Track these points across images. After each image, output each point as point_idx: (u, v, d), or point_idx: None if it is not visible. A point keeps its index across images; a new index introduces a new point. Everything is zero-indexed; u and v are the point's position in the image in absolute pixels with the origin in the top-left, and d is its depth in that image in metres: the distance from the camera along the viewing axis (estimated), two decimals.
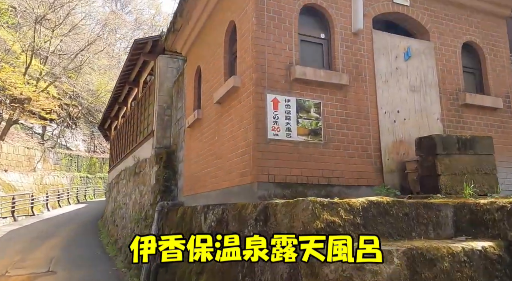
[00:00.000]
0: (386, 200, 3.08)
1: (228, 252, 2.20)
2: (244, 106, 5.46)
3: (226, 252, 2.20)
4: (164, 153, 9.62)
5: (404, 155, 5.90)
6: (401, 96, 6.10)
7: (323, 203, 2.88)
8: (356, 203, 2.96)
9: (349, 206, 2.92)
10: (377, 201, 3.04)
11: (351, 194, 5.40)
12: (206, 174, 6.98)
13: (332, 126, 5.51)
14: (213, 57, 6.98)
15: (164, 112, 10.38)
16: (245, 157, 5.30)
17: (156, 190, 9.20)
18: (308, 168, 5.22)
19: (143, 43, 10.22)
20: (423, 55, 6.40)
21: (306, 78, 5.35)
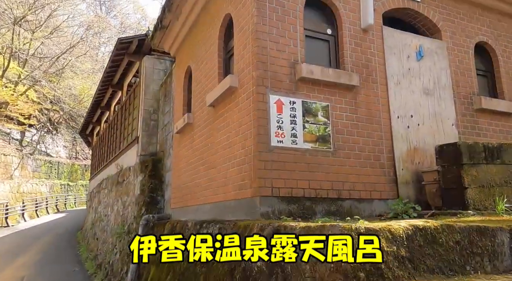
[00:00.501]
0: (432, 224, 2.45)
1: (228, 252, 2.16)
2: (243, 109, 4.80)
3: (226, 252, 2.15)
4: (150, 161, 8.85)
5: (419, 165, 5.32)
6: (414, 100, 5.54)
7: (360, 231, 2.23)
8: (399, 230, 2.32)
9: (390, 234, 2.28)
10: (423, 226, 2.41)
11: (364, 209, 4.78)
12: (197, 185, 6.26)
13: (342, 132, 4.89)
14: (206, 55, 6.32)
15: (150, 117, 9.62)
16: (244, 167, 4.63)
17: (141, 202, 8.40)
18: (316, 179, 4.58)
19: (127, 42, 9.47)
20: (436, 56, 5.87)
21: (313, 77, 4.73)
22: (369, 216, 4.77)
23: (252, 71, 4.63)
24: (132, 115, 10.70)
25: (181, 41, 7.64)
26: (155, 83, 9.79)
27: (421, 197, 5.15)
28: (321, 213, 4.51)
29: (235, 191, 4.81)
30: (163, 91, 9.51)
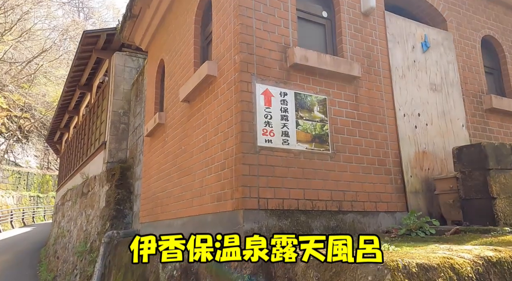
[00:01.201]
0: (508, 254, 1.62)
1: (228, 252, 2.10)
2: (223, 102, 3.94)
3: (226, 252, 2.10)
4: (118, 169, 7.81)
5: (429, 171, 4.56)
6: (421, 96, 4.81)
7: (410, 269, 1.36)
8: (465, 266, 1.49)
9: (454, 272, 1.43)
10: (498, 258, 1.57)
11: (368, 224, 3.95)
12: (169, 196, 5.31)
13: (342, 131, 4.08)
14: (180, 45, 5.44)
15: (120, 120, 8.61)
16: (224, 173, 3.74)
17: (106, 215, 7.34)
18: (312, 188, 3.73)
19: (94, 36, 8.48)
20: (442, 48, 5.20)
21: (308, 64, 3.92)
22: (374, 233, 3.94)
23: (234, 55, 3.78)
24: (100, 119, 9.65)
25: (153, 32, 6.74)
26: (126, 83, 8.82)
27: (433, 209, 4.38)
28: (318, 230, 3.65)
29: (213, 203, 3.90)
30: (134, 91, 8.55)
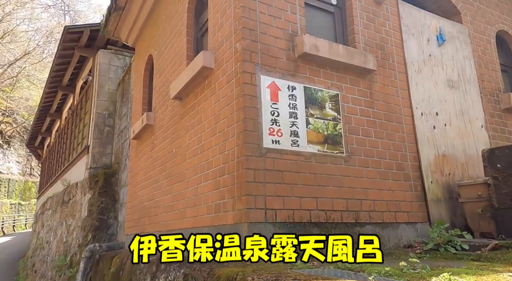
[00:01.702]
0: None
1: (228, 252, 2.07)
2: (221, 98, 3.41)
3: (226, 252, 2.07)
4: (101, 175, 7.18)
5: (449, 176, 4.10)
6: (439, 94, 4.37)
7: None
8: None
9: None
10: None
11: (388, 238, 3.46)
12: (157, 206, 4.74)
13: (356, 131, 3.59)
14: (171, 36, 4.91)
15: (104, 122, 7.99)
16: (224, 179, 3.20)
17: (87, 226, 6.69)
18: (326, 196, 3.22)
19: (77, 32, 7.86)
20: (458, 42, 4.78)
21: (319, 54, 3.43)
22: (396, 248, 3.45)
23: (235, 43, 3.27)
24: (83, 121, 9.00)
25: (141, 26, 6.19)
26: (111, 82, 8.21)
27: (456, 220, 3.91)
28: None
29: (210, 215, 3.35)
30: (120, 91, 7.95)
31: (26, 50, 29.37)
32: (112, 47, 8.36)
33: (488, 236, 3.51)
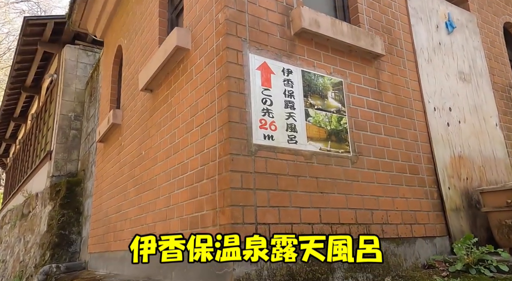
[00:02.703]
0: None
1: (228, 252, 1.99)
2: (200, 84, 2.73)
3: (226, 252, 1.99)
4: (64, 184, 6.33)
5: (467, 181, 3.52)
6: (451, 86, 3.82)
7: None
8: None
9: None
10: None
11: (404, 256, 2.82)
12: (124, 218, 3.97)
13: (364, 127, 2.97)
14: (142, 20, 4.21)
15: (70, 125, 7.14)
16: (202, 185, 2.50)
17: (46, 243, 5.81)
18: (330, 206, 2.57)
19: (39, 24, 7.02)
20: (467, 31, 4.28)
21: (320, 32, 2.81)
22: (414, 269, 2.81)
23: (216, 13, 2.60)
24: (47, 125, 8.11)
25: (109, 14, 5.45)
26: (79, 81, 7.39)
27: (477, 232, 3.32)
28: (342, 270, 2.47)
29: (185, 231, 2.63)
30: (89, 90, 7.14)
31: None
32: (80, 42, 7.56)
33: None
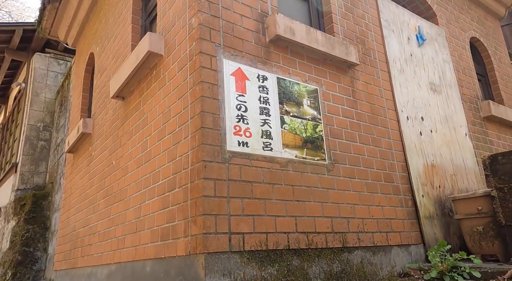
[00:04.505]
0: None
1: None
2: (172, 90, 2.65)
3: None
4: (30, 198, 6.02)
5: (440, 189, 3.57)
6: (423, 97, 3.91)
7: None
8: None
9: None
10: None
11: (380, 265, 2.79)
12: (93, 232, 3.78)
13: (339, 135, 2.97)
14: (115, 27, 4.11)
15: (38, 135, 6.85)
16: (174, 195, 2.40)
17: (8, 261, 5.46)
18: (306, 215, 2.52)
19: (7, 31, 6.77)
20: (436, 44, 4.42)
21: (295, 40, 2.81)
22: (390, 278, 2.79)
23: (190, 18, 2.56)
24: (13, 136, 7.75)
25: (81, 20, 5.31)
26: (49, 90, 7.14)
27: (450, 239, 3.36)
28: (318, 279, 2.41)
29: (156, 243, 2.51)
30: (59, 99, 6.90)
31: None
32: (51, 51, 7.33)
33: (491, 259, 2.97)
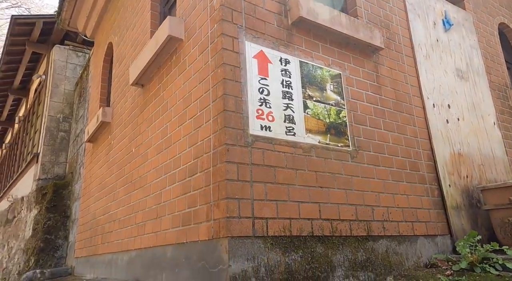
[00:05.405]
0: None
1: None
2: (193, 74, 2.61)
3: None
4: (51, 187, 6.11)
5: (467, 179, 3.43)
6: (449, 83, 3.76)
7: None
8: None
9: None
10: None
11: (406, 255, 2.70)
12: (113, 219, 3.80)
13: (363, 121, 2.87)
14: (133, 15, 4.10)
15: (58, 126, 6.94)
16: (195, 179, 2.37)
17: (30, 248, 5.57)
18: (330, 201, 2.45)
19: (28, 24, 6.87)
20: (464, 29, 4.24)
21: (318, 22, 2.72)
22: (416, 268, 2.70)
23: (211, 1, 2.50)
24: (34, 127, 7.88)
25: (100, 11, 5.32)
26: (68, 82, 7.21)
27: (479, 231, 3.23)
28: (342, 268, 2.34)
29: (177, 228, 2.49)
30: (78, 91, 6.97)
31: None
32: (70, 43, 7.41)
33: None
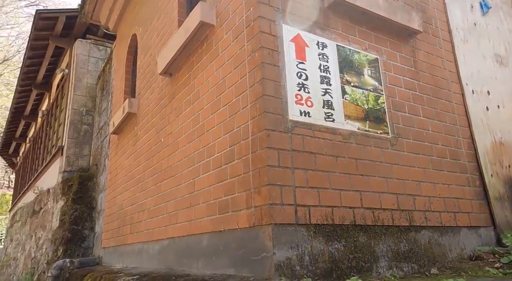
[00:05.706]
0: None
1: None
2: (227, 60, 2.54)
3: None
4: (76, 179, 6.18)
5: (509, 168, 3.28)
6: (488, 69, 3.59)
7: None
8: None
9: None
10: None
11: (449, 246, 2.59)
12: (141, 210, 3.79)
13: (402, 107, 2.76)
14: (158, 6, 4.05)
15: (82, 120, 7.00)
16: (232, 167, 2.31)
17: (58, 238, 5.66)
18: (371, 190, 2.36)
19: (51, 18, 6.92)
20: (501, 13, 4.05)
21: (356, 4, 2.61)
22: (460, 260, 2.59)
23: None
24: (58, 121, 7.99)
25: (122, 5, 5.30)
26: (90, 76, 7.26)
27: None
28: (386, 258, 2.25)
29: (213, 216, 2.44)
30: (100, 84, 7.01)
31: (5, 57, 27.98)
32: (92, 37, 7.44)
33: None
